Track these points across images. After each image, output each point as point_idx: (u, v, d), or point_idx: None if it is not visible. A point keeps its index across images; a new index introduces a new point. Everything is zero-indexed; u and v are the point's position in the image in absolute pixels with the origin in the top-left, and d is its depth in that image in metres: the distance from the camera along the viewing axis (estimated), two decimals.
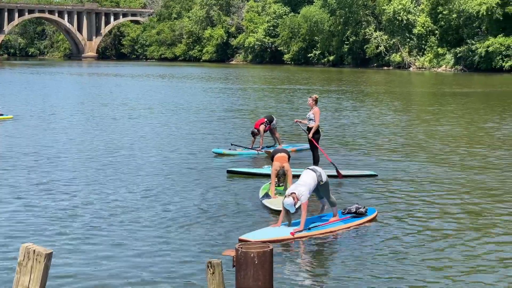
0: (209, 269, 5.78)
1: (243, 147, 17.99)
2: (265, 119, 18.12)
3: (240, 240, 9.39)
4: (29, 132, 22.06)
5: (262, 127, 17.86)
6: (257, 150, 17.64)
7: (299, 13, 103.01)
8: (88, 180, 14.18)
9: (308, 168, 10.71)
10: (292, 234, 9.77)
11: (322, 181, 10.43)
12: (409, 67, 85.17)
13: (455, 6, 77.96)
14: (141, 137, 21.03)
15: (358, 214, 10.74)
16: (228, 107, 32.04)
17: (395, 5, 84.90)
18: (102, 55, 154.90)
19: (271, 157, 12.89)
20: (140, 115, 28.02)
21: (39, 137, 21.00)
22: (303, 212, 10.01)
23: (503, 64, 72.48)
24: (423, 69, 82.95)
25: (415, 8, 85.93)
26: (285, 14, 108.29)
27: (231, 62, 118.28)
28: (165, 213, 11.41)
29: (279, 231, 9.95)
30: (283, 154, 12.70)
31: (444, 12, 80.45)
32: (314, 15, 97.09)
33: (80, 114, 28.19)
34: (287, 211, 10.08)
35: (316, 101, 15.00)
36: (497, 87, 50.37)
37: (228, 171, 15.10)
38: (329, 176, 11.22)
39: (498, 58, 72.78)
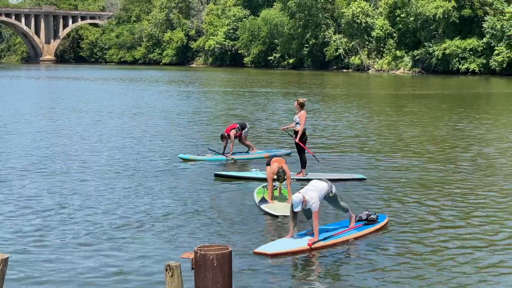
0: (168, 272, 5.77)
1: (216, 152, 17.60)
2: (237, 125, 17.83)
3: (256, 254, 9.22)
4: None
5: (233, 132, 17.54)
6: (226, 156, 17.31)
7: (259, 16, 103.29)
8: (57, 187, 13.97)
9: (317, 179, 10.38)
10: (310, 245, 9.50)
11: (331, 193, 10.11)
12: (368, 70, 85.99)
13: (412, 9, 79.03)
14: (112, 146, 20.14)
15: (369, 221, 10.55)
16: (193, 110, 31.74)
17: (353, 8, 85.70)
18: (61, 58, 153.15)
19: (266, 164, 12.68)
20: (105, 119, 27.48)
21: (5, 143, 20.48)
22: (315, 221, 9.69)
23: (460, 66, 73.67)
24: (382, 72, 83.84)
25: (373, 11, 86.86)
26: (245, 17, 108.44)
27: (191, 65, 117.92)
28: (152, 218, 11.28)
29: (296, 243, 9.62)
30: (281, 158, 12.73)
31: (401, 15, 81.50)
32: (274, 18, 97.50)
33: (43, 119, 27.52)
34: (294, 214, 9.74)
35: (301, 105, 14.75)
36: (456, 89, 51.05)
37: (216, 175, 15.01)
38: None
39: (454, 60, 73.95)
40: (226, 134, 17.62)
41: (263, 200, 12.12)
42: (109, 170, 15.71)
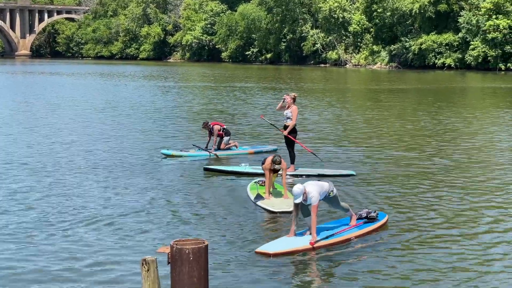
0: (144, 266, 5.77)
1: (200, 147, 17.44)
2: (224, 127, 17.70)
3: (257, 253, 9.09)
4: None
5: (216, 128, 17.38)
6: (209, 151, 17.17)
7: (236, 10, 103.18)
8: (35, 183, 13.85)
9: (316, 180, 10.30)
10: (312, 244, 9.40)
11: (332, 192, 9.95)
12: (345, 65, 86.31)
13: (389, 4, 79.46)
14: (92, 142, 19.82)
15: (369, 219, 10.49)
16: (173, 105, 31.57)
17: (331, 3, 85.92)
18: (36, 53, 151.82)
19: (262, 163, 12.50)
20: (83, 115, 27.13)
21: None
22: (313, 215, 9.48)
23: (436, 61, 74.26)
24: (359, 66, 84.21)
25: (350, 6, 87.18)
26: (222, 12, 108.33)
27: (168, 60, 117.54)
28: (145, 214, 11.21)
29: (297, 242, 9.50)
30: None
31: (378, 10, 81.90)
32: (251, 12, 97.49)
33: (20, 115, 27.15)
34: (297, 211, 9.63)
35: (294, 99, 14.78)
36: (433, 84, 51.42)
37: (205, 169, 14.99)
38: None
39: (431, 55, 74.53)
40: (210, 126, 17.46)
41: (259, 197, 12.00)
42: (89, 166, 15.59)
